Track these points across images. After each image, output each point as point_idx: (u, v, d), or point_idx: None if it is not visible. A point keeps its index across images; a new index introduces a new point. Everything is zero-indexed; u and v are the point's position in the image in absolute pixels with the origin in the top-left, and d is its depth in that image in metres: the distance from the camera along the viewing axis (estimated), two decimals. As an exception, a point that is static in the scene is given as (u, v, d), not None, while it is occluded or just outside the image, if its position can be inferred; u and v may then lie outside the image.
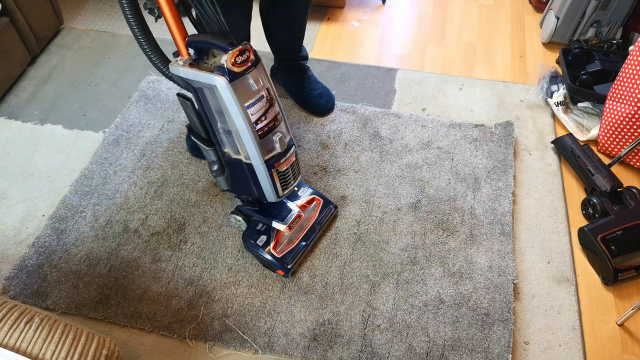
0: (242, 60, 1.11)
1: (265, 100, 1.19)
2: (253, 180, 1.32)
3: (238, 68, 1.11)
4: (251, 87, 1.15)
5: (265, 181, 1.29)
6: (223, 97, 1.13)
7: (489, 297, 1.41)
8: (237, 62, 1.10)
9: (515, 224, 1.59)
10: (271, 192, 1.32)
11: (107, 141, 1.79)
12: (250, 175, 1.30)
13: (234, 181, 1.41)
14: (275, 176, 1.29)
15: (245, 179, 1.33)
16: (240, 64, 1.11)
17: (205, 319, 1.37)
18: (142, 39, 1.19)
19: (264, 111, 1.19)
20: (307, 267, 1.48)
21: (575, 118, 1.89)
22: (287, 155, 1.29)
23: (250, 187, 1.35)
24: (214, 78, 1.10)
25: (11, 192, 1.66)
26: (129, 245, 1.52)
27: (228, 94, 1.11)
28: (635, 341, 1.37)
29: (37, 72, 2.06)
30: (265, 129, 1.21)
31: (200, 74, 1.13)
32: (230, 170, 1.37)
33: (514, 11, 2.42)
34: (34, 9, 1.99)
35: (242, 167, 1.30)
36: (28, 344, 0.91)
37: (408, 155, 1.75)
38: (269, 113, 1.20)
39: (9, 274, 1.45)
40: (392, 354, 1.32)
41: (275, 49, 1.85)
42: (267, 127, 1.21)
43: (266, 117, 1.20)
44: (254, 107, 1.16)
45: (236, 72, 1.11)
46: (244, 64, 1.11)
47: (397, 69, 2.09)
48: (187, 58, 1.18)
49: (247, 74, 1.13)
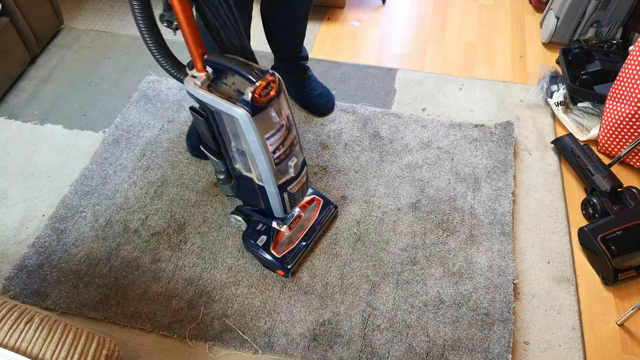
0: (266, 92, 1.06)
1: (284, 129, 1.15)
2: (262, 197, 1.30)
3: (262, 101, 1.06)
4: (272, 119, 1.11)
5: (275, 201, 1.28)
6: (244, 129, 1.08)
7: (489, 297, 1.41)
8: (262, 95, 1.05)
9: (515, 224, 1.59)
10: (279, 210, 1.31)
11: (107, 141, 1.79)
12: (259, 192, 1.29)
13: (241, 192, 1.40)
14: (285, 197, 1.28)
15: (253, 194, 1.32)
16: (264, 96, 1.06)
17: (205, 319, 1.37)
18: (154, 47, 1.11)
19: (282, 140, 1.16)
20: (307, 267, 1.48)
21: (575, 118, 1.89)
22: (299, 178, 1.27)
23: (258, 201, 1.34)
24: (236, 110, 1.05)
25: (11, 192, 1.66)
26: (129, 245, 1.52)
27: (250, 127, 1.07)
28: (635, 341, 1.37)
29: (37, 72, 2.06)
30: (282, 156, 1.18)
31: (222, 103, 1.07)
32: (239, 183, 1.35)
33: (514, 11, 2.42)
34: (34, 9, 1.99)
35: (253, 183, 1.28)
36: (28, 344, 0.91)
37: (408, 155, 1.75)
38: (286, 140, 1.18)
39: (9, 274, 1.45)
40: (392, 354, 1.32)
41: (275, 49, 1.85)
42: (284, 154, 1.19)
43: (284, 145, 1.17)
44: (274, 138, 1.13)
45: (260, 105, 1.06)
46: (267, 96, 1.06)
47: (397, 69, 2.09)
48: (205, 78, 1.11)
49: (270, 106, 1.08)
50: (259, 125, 1.08)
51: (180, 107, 1.90)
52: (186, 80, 1.13)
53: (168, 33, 1.12)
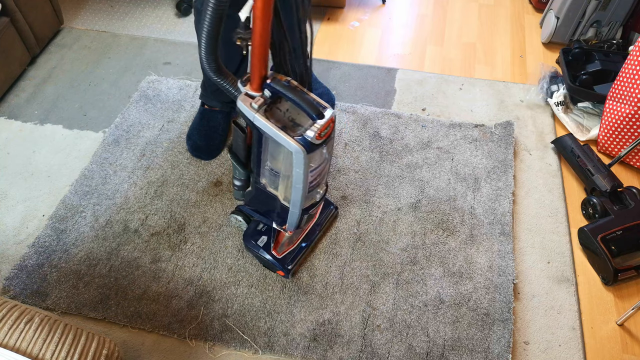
0: (326, 132, 1.06)
1: (326, 162, 1.16)
2: (279, 213, 1.31)
3: (319, 140, 1.06)
4: (322, 156, 1.13)
5: (294, 220, 1.29)
6: (294, 163, 1.08)
7: (489, 297, 1.41)
8: (322, 135, 1.05)
9: (515, 224, 1.59)
10: (294, 225, 1.32)
11: (107, 141, 1.79)
12: (279, 209, 1.30)
13: (255, 201, 1.39)
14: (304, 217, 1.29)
15: (269, 206, 1.33)
16: (323, 136, 1.06)
17: (205, 319, 1.37)
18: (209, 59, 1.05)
19: (321, 172, 1.18)
20: (307, 267, 1.48)
21: (575, 118, 1.89)
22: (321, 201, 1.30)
23: (271, 214, 1.35)
24: (293, 145, 1.04)
25: (11, 192, 1.66)
26: (129, 245, 1.52)
27: (301, 163, 1.07)
28: (635, 341, 1.37)
29: (37, 72, 2.06)
30: (314, 185, 1.20)
31: (279, 135, 1.05)
32: (258, 195, 1.34)
33: (514, 11, 2.42)
34: (34, 9, 1.99)
35: (275, 200, 1.28)
36: (28, 344, 0.91)
37: (408, 155, 1.75)
38: (324, 171, 1.19)
39: (9, 274, 1.45)
40: (392, 354, 1.32)
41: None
42: (317, 182, 1.20)
43: (321, 175, 1.19)
44: (316, 171, 1.15)
45: (316, 144, 1.06)
46: (325, 136, 1.07)
47: (397, 69, 2.09)
48: (262, 101, 1.08)
49: (325, 144, 1.09)
50: (310, 162, 1.09)
51: (180, 107, 1.90)
52: (240, 98, 1.09)
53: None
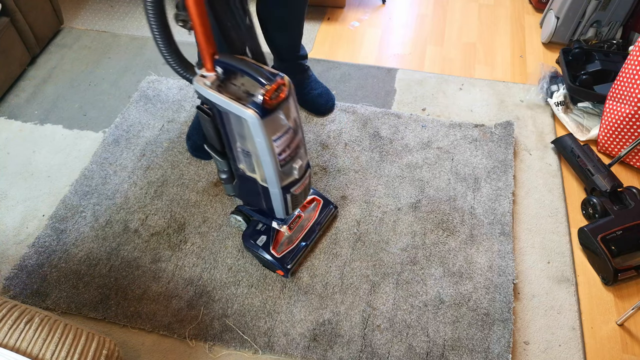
0: (277, 95, 1.06)
1: (292, 131, 1.15)
2: (264, 198, 1.30)
3: (272, 103, 1.05)
4: (281, 122, 1.11)
5: (278, 202, 1.28)
6: (252, 131, 1.08)
7: (489, 297, 1.41)
8: (272, 97, 1.04)
9: (515, 224, 1.59)
10: (281, 211, 1.31)
11: (107, 141, 1.79)
12: (262, 193, 1.29)
13: (243, 192, 1.40)
14: (289, 199, 1.28)
15: (256, 194, 1.32)
16: (274, 99, 1.05)
17: (205, 319, 1.37)
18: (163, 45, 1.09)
19: (289, 142, 1.16)
20: (307, 267, 1.48)
21: (575, 118, 1.89)
22: (303, 180, 1.28)
23: (259, 201, 1.34)
24: (245, 112, 1.04)
25: (11, 192, 1.66)
26: (129, 245, 1.52)
27: (258, 130, 1.07)
28: (635, 341, 1.37)
29: (37, 72, 2.06)
30: (287, 158, 1.19)
31: (232, 104, 1.06)
32: (242, 183, 1.35)
33: (514, 11, 2.42)
34: (34, 9, 1.99)
35: (256, 184, 1.28)
36: (28, 344, 0.91)
37: (408, 155, 1.75)
38: (292, 143, 1.18)
39: (9, 274, 1.45)
40: (392, 354, 1.32)
41: (274, 49, 1.85)
42: (289, 156, 1.19)
43: (290, 147, 1.17)
44: (281, 140, 1.13)
45: (269, 108, 1.06)
46: (277, 99, 1.06)
47: (397, 69, 2.09)
48: (214, 78, 1.10)
49: (279, 109, 1.08)
50: (267, 128, 1.08)
51: (180, 107, 1.90)
52: (195, 79, 1.12)
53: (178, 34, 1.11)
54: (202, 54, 1.10)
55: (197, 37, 1.08)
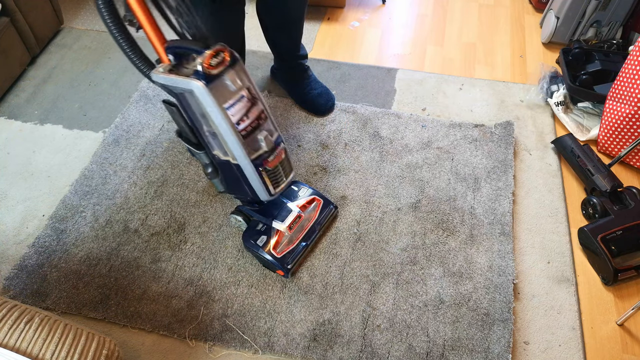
0: (218, 61, 1.10)
1: (246, 100, 1.18)
2: (244, 181, 1.31)
3: (214, 70, 1.10)
4: (229, 88, 1.14)
5: (255, 180, 1.29)
6: (201, 100, 1.12)
7: (489, 297, 1.41)
8: (212, 64, 1.09)
9: (515, 224, 1.59)
10: (262, 191, 1.32)
11: (107, 141, 1.79)
12: (240, 175, 1.30)
13: (227, 182, 1.41)
14: (264, 175, 1.29)
15: (236, 180, 1.33)
16: (215, 65, 1.10)
17: (205, 319, 1.37)
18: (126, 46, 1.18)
19: (245, 111, 1.18)
20: (307, 267, 1.48)
21: (575, 118, 1.89)
22: (275, 153, 1.28)
23: (242, 187, 1.35)
24: (190, 82, 1.10)
25: (11, 192, 1.66)
26: (129, 245, 1.52)
27: (206, 97, 1.11)
28: (635, 341, 1.37)
29: (37, 72, 2.06)
30: (248, 128, 1.20)
31: (178, 80, 1.12)
32: (223, 171, 1.37)
33: (514, 11, 2.42)
34: (34, 9, 1.99)
35: (232, 168, 1.29)
36: (28, 344, 0.91)
37: (408, 155, 1.75)
38: (251, 112, 1.20)
39: (9, 274, 1.45)
40: (392, 354, 1.32)
41: (274, 50, 1.85)
42: (250, 126, 1.21)
43: (248, 117, 1.19)
44: (234, 108, 1.16)
45: (212, 74, 1.10)
46: (219, 65, 1.11)
47: (397, 69, 2.09)
48: (167, 64, 1.17)
49: (223, 75, 1.12)
50: (215, 95, 1.11)
51: (180, 107, 1.90)
52: (152, 72, 1.17)
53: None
54: (155, 47, 1.16)
55: (146, 33, 1.15)
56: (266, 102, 1.24)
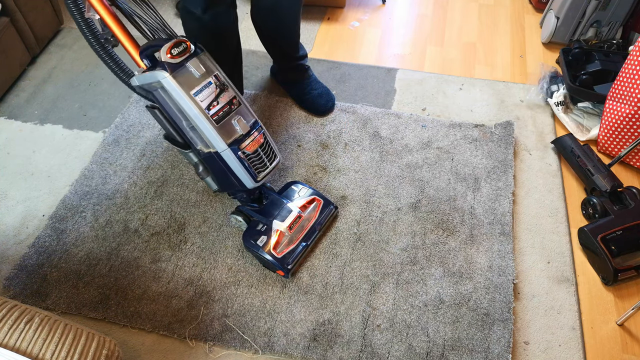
0: (179, 51, 1.18)
1: (214, 86, 1.23)
2: (229, 171, 1.33)
3: (176, 59, 1.17)
4: (194, 75, 1.19)
5: (237, 166, 1.31)
6: (168, 89, 1.18)
7: (489, 297, 1.41)
8: (174, 53, 1.17)
9: (515, 224, 1.59)
10: (247, 177, 1.33)
11: (107, 141, 1.79)
12: (224, 166, 1.32)
13: (217, 178, 1.42)
14: (245, 160, 1.30)
15: (223, 172, 1.34)
16: (177, 54, 1.17)
17: (205, 319, 1.37)
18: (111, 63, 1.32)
19: (214, 96, 1.23)
20: (307, 267, 1.48)
21: (575, 118, 1.89)
22: (252, 137, 1.31)
23: (230, 179, 1.36)
24: (156, 73, 1.17)
25: (11, 192, 1.66)
26: (129, 245, 1.52)
27: (172, 85, 1.17)
28: (635, 341, 1.37)
29: (37, 72, 2.06)
30: (220, 113, 1.24)
31: (146, 75, 1.19)
32: (210, 167, 1.38)
33: (514, 11, 2.42)
34: (34, 9, 1.99)
35: (216, 159, 1.31)
36: (28, 344, 0.91)
37: (408, 155, 1.75)
38: (221, 98, 1.24)
39: (9, 274, 1.45)
40: (392, 354, 1.32)
41: (272, 53, 1.85)
42: (222, 111, 1.25)
43: (219, 102, 1.24)
44: (202, 94, 1.21)
45: (174, 62, 1.17)
46: (182, 54, 1.18)
47: (397, 69, 2.09)
48: (142, 69, 1.24)
49: (186, 63, 1.19)
50: (181, 82, 1.17)
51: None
52: (132, 79, 1.25)
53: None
54: (131, 56, 1.25)
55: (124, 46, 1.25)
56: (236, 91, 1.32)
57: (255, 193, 1.49)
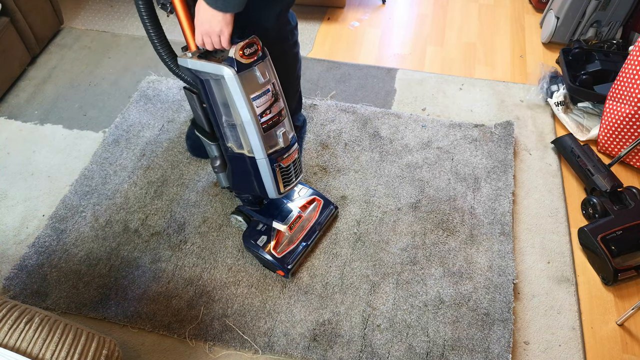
0: (250, 52, 1.13)
1: (270, 94, 1.20)
2: (255, 176, 1.32)
3: (246, 60, 1.12)
4: (257, 80, 1.16)
5: (268, 176, 1.29)
6: (230, 87, 1.14)
7: (489, 297, 1.41)
8: (245, 54, 1.12)
9: (515, 224, 1.59)
10: (273, 188, 1.32)
11: (107, 141, 1.79)
12: (252, 170, 1.30)
13: (235, 177, 1.41)
14: (277, 172, 1.29)
15: (247, 175, 1.33)
16: (248, 56, 1.12)
17: (205, 319, 1.37)
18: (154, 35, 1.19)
19: (269, 105, 1.20)
20: (307, 267, 1.48)
21: (575, 118, 1.89)
22: (290, 151, 1.29)
23: (251, 183, 1.35)
24: (222, 68, 1.12)
25: (11, 192, 1.66)
26: (129, 245, 1.52)
27: (235, 85, 1.13)
28: (635, 341, 1.37)
29: (37, 72, 2.06)
30: (269, 122, 1.22)
31: (209, 65, 1.14)
32: (232, 165, 1.37)
33: (514, 11, 2.42)
34: (34, 9, 1.99)
35: (245, 162, 1.30)
36: (28, 344, 0.91)
37: (408, 155, 1.75)
38: (273, 107, 1.22)
39: (9, 274, 1.45)
40: (392, 354, 1.32)
41: None
42: (272, 120, 1.22)
43: (271, 111, 1.21)
44: (260, 100, 1.18)
45: (244, 63, 1.12)
46: (251, 56, 1.13)
47: (397, 69, 2.09)
48: (196, 51, 1.18)
49: (254, 66, 1.14)
50: (244, 84, 1.13)
51: (180, 107, 1.90)
52: (179, 56, 1.19)
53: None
54: (185, 34, 1.17)
55: (179, 18, 1.15)
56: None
57: None
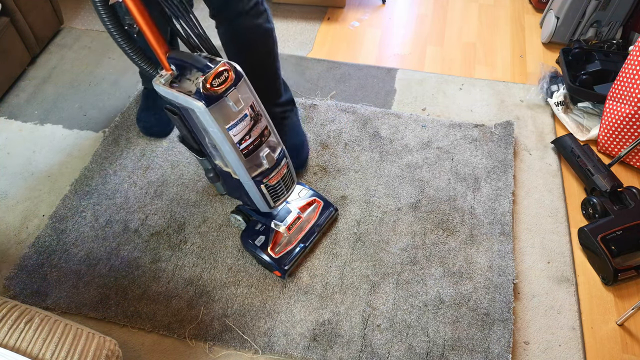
0: (220, 82, 1.06)
1: (249, 118, 1.14)
2: (244, 192, 1.31)
3: (215, 91, 1.06)
4: (231, 109, 1.10)
5: (255, 195, 1.28)
6: (202, 121, 1.09)
7: (489, 297, 1.41)
8: (214, 85, 1.05)
9: (515, 224, 1.59)
10: (262, 204, 1.32)
11: (107, 141, 1.79)
12: (240, 187, 1.29)
13: (229, 188, 1.41)
14: (264, 190, 1.27)
15: (237, 189, 1.33)
16: (217, 86, 1.06)
17: (205, 319, 1.37)
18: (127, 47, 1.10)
19: (248, 130, 1.15)
20: (307, 267, 1.48)
21: (575, 118, 1.89)
22: (276, 170, 1.26)
23: (242, 196, 1.35)
24: (191, 102, 1.06)
25: (11, 192, 1.66)
26: (129, 245, 1.52)
27: (207, 118, 1.07)
28: (635, 341, 1.37)
29: (37, 72, 2.06)
30: (250, 147, 1.17)
31: (179, 96, 1.08)
32: (224, 179, 1.36)
33: (514, 11, 2.42)
34: (34, 9, 1.99)
35: (233, 179, 1.29)
36: (28, 344, 0.91)
37: (408, 155, 1.75)
38: (254, 131, 1.16)
39: (9, 274, 1.45)
40: (392, 354, 1.32)
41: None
42: (253, 145, 1.18)
43: (251, 136, 1.16)
44: (236, 128, 1.12)
45: (214, 95, 1.06)
46: (222, 85, 1.07)
47: (397, 69, 2.09)
48: (169, 75, 1.12)
49: (225, 95, 1.08)
50: (217, 116, 1.08)
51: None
52: (154, 80, 1.14)
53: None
54: (157, 54, 1.11)
55: (146, 38, 1.09)
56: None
57: None
